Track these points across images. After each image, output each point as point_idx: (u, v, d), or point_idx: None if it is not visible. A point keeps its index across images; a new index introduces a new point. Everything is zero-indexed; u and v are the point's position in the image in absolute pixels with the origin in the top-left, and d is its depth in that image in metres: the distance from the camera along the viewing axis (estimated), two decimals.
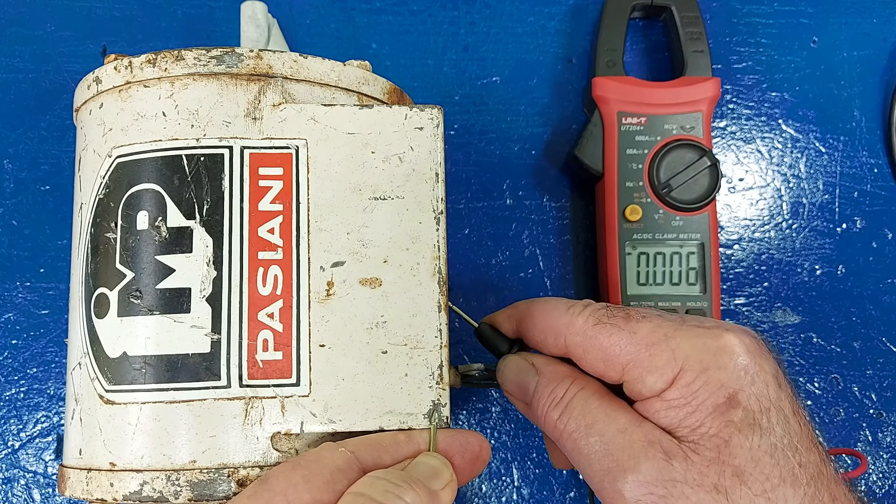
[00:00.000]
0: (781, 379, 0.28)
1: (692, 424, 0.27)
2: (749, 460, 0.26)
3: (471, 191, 0.46)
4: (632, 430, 0.28)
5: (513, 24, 0.48)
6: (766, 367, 0.28)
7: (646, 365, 0.28)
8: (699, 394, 0.27)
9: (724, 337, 0.28)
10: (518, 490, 0.43)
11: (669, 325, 0.29)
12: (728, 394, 0.27)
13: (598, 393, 0.30)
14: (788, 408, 0.27)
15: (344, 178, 0.31)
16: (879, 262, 0.46)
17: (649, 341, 0.29)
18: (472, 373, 0.36)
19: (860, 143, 0.47)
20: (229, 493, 0.28)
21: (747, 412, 0.27)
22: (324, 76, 0.32)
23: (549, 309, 0.32)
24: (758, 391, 0.27)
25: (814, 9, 0.49)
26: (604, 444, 0.28)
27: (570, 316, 0.31)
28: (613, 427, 0.29)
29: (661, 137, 0.43)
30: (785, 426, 0.27)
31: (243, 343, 0.29)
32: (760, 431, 0.27)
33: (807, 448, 0.27)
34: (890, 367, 0.45)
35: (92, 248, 0.31)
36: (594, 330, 0.30)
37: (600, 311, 0.30)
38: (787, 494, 0.26)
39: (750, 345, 0.28)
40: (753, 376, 0.27)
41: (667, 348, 0.28)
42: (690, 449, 0.27)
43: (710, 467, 0.26)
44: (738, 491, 0.26)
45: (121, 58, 0.31)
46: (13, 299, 0.43)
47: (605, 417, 0.29)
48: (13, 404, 0.42)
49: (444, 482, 0.28)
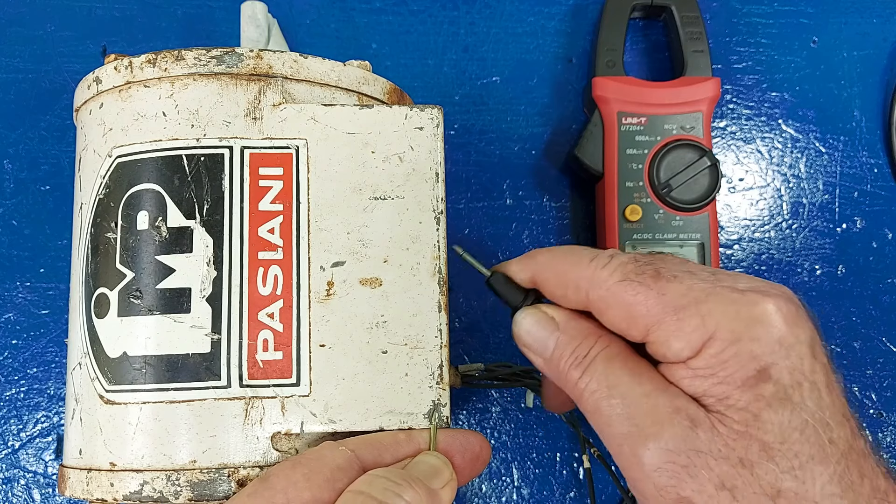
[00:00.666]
0: (818, 348, 0.27)
1: (718, 395, 0.26)
2: (778, 436, 0.25)
3: (471, 191, 0.46)
4: (657, 394, 0.27)
5: (513, 24, 0.48)
6: (803, 337, 0.26)
7: (673, 329, 0.27)
8: (728, 365, 0.26)
9: (760, 304, 0.26)
10: (518, 490, 0.43)
11: (702, 287, 0.27)
12: (760, 367, 0.26)
13: (622, 353, 0.28)
14: (822, 380, 0.26)
15: (344, 177, 0.31)
16: (879, 262, 0.46)
17: (678, 304, 0.27)
18: (472, 373, 0.36)
19: (860, 143, 0.47)
20: (229, 493, 0.28)
21: (779, 386, 0.25)
22: (324, 76, 0.32)
23: (571, 260, 0.30)
24: (791, 364, 0.26)
25: (814, 9, 0.49)
26: (626, 408, 0.27)
27: (594, 268, 0.29)
28: (638, 390, 0.27)
29: (661, 137, 0.43)
30: (818, 401, 0.26)
31: (243, 343, 0.29)
32: (791, 407, 0.25)
33: (838, 423, 0.26)
34: (890, 367, 0.45)
35: (92, 248, 0.31)
36: (619, 286, 0.28)
37: (628, 266, 0.28)
38: (816, 471, 0.25)
39: (788, 312, 0.26)
40: (788, 349, 0.26)
41: (696, 313, 0.26)
42: (717, 419, 0.26)
43: (738, 440, 0.25)
44: (764, 467, 0.25)
45: (121, 58, 0.31)
46: (13, 299, 0.43)
47: (630, 380, 0.27)
48: (13, 404, 0.42)
49: (443, 481, 0.28)
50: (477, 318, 0.44)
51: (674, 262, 0.28)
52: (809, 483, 0.25)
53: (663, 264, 0.28)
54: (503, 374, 0.39)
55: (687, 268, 0.28)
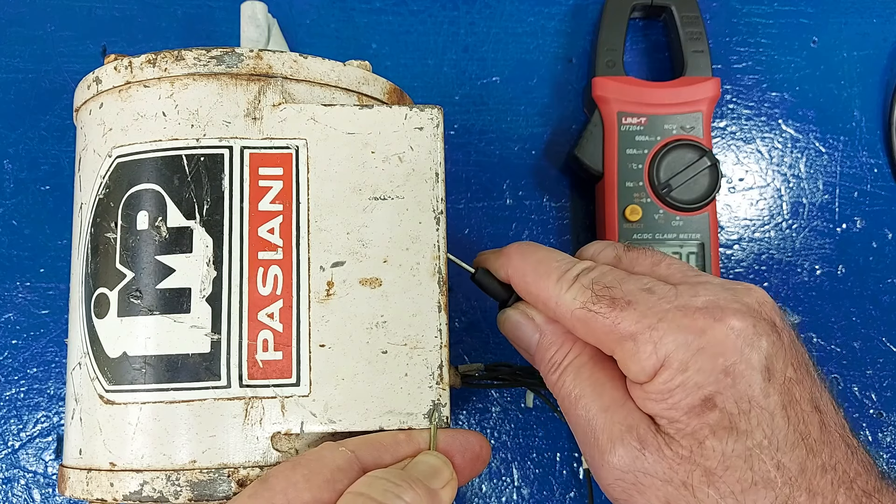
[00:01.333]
0: (775, 368, 0.27)
1: (670, 418, 0.27)
2: (720, 463, 0.26)
3: (471, 191, 0.46)
4: (614, 410, 0.28)
5: (513, 24, 0.48)
6: (755, 361, 0.26)
7: (630, 354, 0.28)
8: (676, 393, 0.27)
9: (709, 332, 0.27)
10: (518, 490, 0.43)
11: (654, 313, 0.27)
12: (704, 396, 0.26)
13: (591, 361, 0.30)
14: (776, 403, 0.26)
15: (344, 177, 0.31)
16: (879, 262, 0.46)
17: (633, 331, 0.27)
18: (472, 373, 0.36)
19: (860, 143, 0.47)
20: (229, 493, 0.28)
21: (723, 414, 0.26)
22: (324, 76, 0.32)
23: (539, 273, 0.31)
24: (739, 392, 0.26)
25: (814, 9, 0.49)
26: (587, 420, 0.29)
27: (559, 291, 0.30)
28: (598, 404, 0.29)
29: (661, 137, 0.43)
30: (768, 425, 0.26)
31: (243, 343, 0.29)
32: (737, 435, 0.26)
33: (792, 445, 0.26)
34: (890, 367, 0.45)
35: (92, 248, 0.31)
36: (579, 314, 0.29)
37: (586, 293, 0.29)
38: (759, 496, 0.26)
39: (742, 332, 0.27)
40: (736, 377, 0.26)
41: (649, 340, 0.27)
42: (665, 442, 0.27)
43: (682, 465, 0.26)
44: (704, 491, 0.26)
45: (121, 58, 0.31)
46: (13, 299, 0.43)
47: (592, 392, 0.29)
48: (13, 404, 0.42)
49: (443, 481, 0.28)
50: (477, 318, 0.44)
51: (633, 282, 0.29)
52: None
53: (620, 287, 0.29)
54: (503, 374, 0.39)
55: (646, 285, 0.29)
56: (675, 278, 0.30)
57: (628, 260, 0.31)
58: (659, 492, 0.27)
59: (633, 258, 0.31)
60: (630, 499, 0.28)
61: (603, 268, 0.30)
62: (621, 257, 0.31)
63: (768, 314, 0.28)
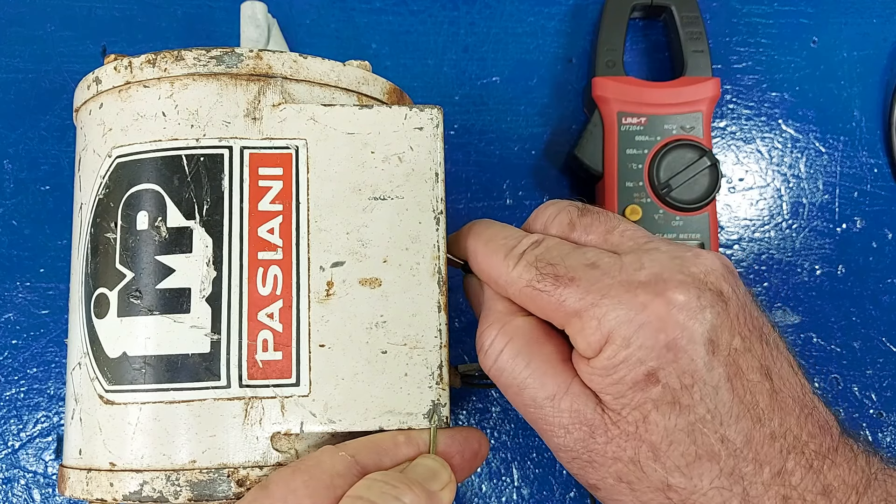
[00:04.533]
0: (720, 340, 0.27)
1: (614, 393, 0.27)
2: (664, 438, 0.26)
3: (471, 191, 0.46)
4: (559, 398, 0.28)
5: (513, 24, 0.48)
6: (698, 334, 0.26)
7: (577, 330, 0.28)
8: (619, 369, 0.27)
9: (650, 306, 0.27)
10: (518, 490, 0.43)
11: (598, 289, 0.28)
12: (647, 371, 0.26)
13: (527, 346, 0.30)
14: (721, 375, 0.26)
15: (344, 178, 0.31)
16: (879, 262, 0.46)
17: (577, 308, 0.28)
18: (472, 373, 0.36)
19: (860, 143, 0.47)
20: (229, 493, 0.28)
21: (666, 390, 0.26)
22: (324, 76, 0.32)
23: (490, 252, 0.31)
24: (680, 367, 0.26)
25: (814, 9, 0.49)
26: (535, 409, 0.29)
27: (506, 269, 0.30)
28: (543, 393, 0.29)
29: (661, 137, 0.43)
30: (711, 399, 0.26)
31: (243, 343, 0.29)
32: (679, 409, 0.26)
33: (737, 417, 0.26)
34: (890, 367, 0.45)
35: (92, 248, 0.31)
36: (525, 292, 0.29)
37: (531, 271, 0.29)
38: (704, 468, 0.26)
39: (684, 306, 0.26)
40: (677, 351, 0.26)
41: (594, 316, 0.27)
42: (611, 420, 0.27)
43: (629, 442, 0.27)
44: (651, 466, 0.27)
45: (121, 58, 0.31)
46: (13, 299, 0.43)
47: (535, 382, 0.29)
48: (13, 404, 0.42)
49: (442, 483, 0.28)
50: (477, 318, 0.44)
51: (577, 257, 0.29)
52: (697, 479, 0.26)
53: (564, 263, 0.29)
54: None
55: (591, 259, 0.29)
56: (624, 247, 0.30)
57: (582, 226, 0.31)
58: (611, 468, 0.28)
59: (586, 224, 0.31)
60: (586, 474, 0.29)
61: (549, 241, 0.30)
62: (575, 223, 0.31)
63: (714, 284, 0.27)
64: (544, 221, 0.32)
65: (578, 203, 0.32)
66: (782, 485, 0.26)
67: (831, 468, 0.27)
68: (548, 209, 0.32)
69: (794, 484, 0.26)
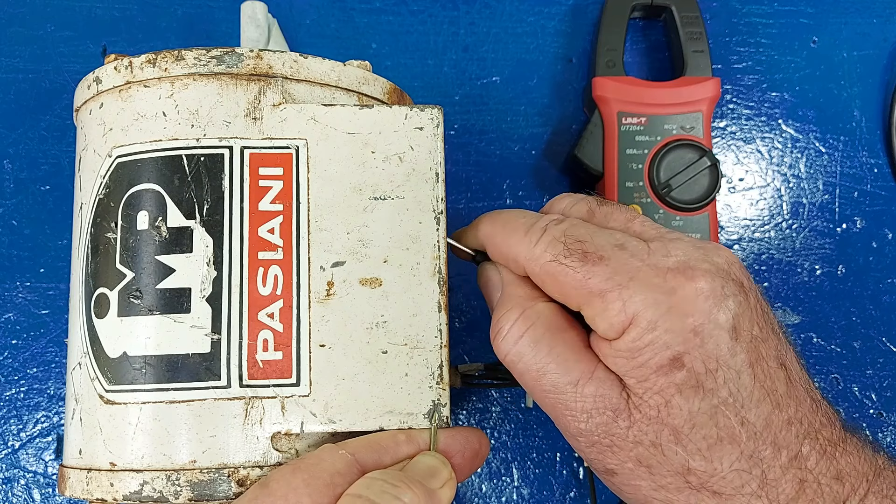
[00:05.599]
0: (742, 327, 0.27)
1: (638, 376, 0.27)
2: (686, 422, 0.27)
3: (471, 191, 0.46)
4: (583, 383, 0.28)
5: (513, 24, 0.48)
6: (722, 320, 0.27)
7: (598, 311, 0.28)
8: (645, 352, 0.27)
9: (679, 292, 0.27)
10: (518, 490, 0.43)
11: (626, 271, 0.28)
12: (672, 355, 0.27)
13: (548, 332, 0.29)
14: (743, 361, 0.27)
15: (344, 177, 0.31)
16: (879, 262, 0.46)
17: (602, 288, 0.28)
18: (472, 373, 0.36)
19: (860, 143, 0.47)
20: (229, 493, 0.28)
21: (691, 374, 0.27)
22: (324, 76, 0.32)
23: (508, 231, 0.31)
24: (706, 352, 0.27)
25: (814, 9, 0.49)
26: (556, 395, 0.29)
27: (528, 245, 0.30)
28: (565, 379, 0.28)
29: (661, 137, 0.43)
30: (734, 384, 0.27)
31: (243, 343, 0.29)
32: (703, 393, 0.27)
33: (757, 401, 0.27)
34: (890, 367, 0.45)
35: (92, 248, 0.31)
36: (549, 266, 0.29)
37: (557, 246, 0.29)
38: (725, 451, 0.26)
39: (711, 293, 0.27)
40: (704, 337, 0.27)
41: (619, 298, 0.27)
42: (634, 405, 0.27)
43: (651, 425, 0.27)
44: (673, 449, 0.27)
45: (121, 58, 0.31)
46: (13, 299, 0.43)
47: (557, 367, 0.29)
48: (13, 404, 0.42)
49: (442, 481, 0.28)
50: (477, 318, 0.44)
51: (606, 237, 0.29)
52: (717, 462, 0.27)
53: (593, 241, 0.29)
54: (503, 374, 0.39)
55: (619, 240, 0.29)
56: (648, 234, 0.30)
57: (601, 214, 0.31)
58: (631, 452, 0.28)
59: (606, 213, 0.31)
60: (605, 459, 0.29)
61: (573, 220, 0.30)
62: (594, 211, 0.31)
63: (736, 274, 0.28)
64: (562, 209, 0.32)
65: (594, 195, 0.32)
66: (799, 468, 0.26)
67: (843, 455, 0.27)
68: (564, 199, 0.32)
69: (810, 468, 0.26)
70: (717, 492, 0.27)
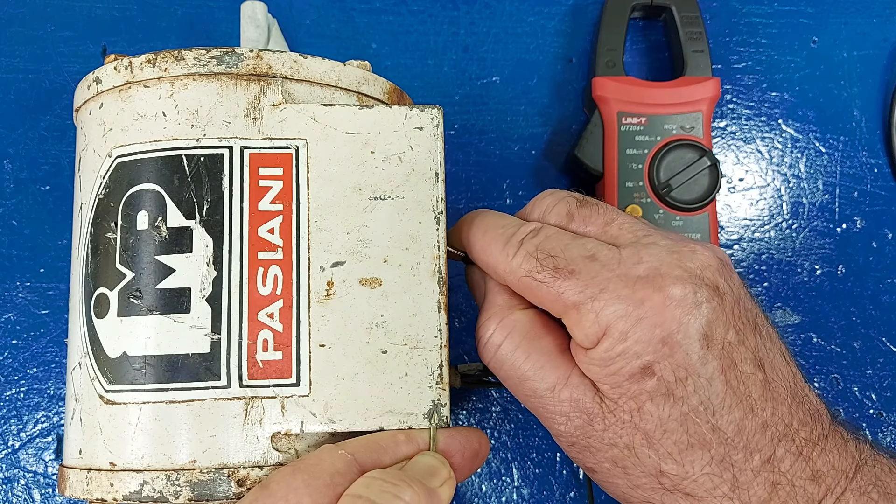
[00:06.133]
0: (714, 334, 0.27)
1: (612, 383, 0.28)
2: (657, 427, 0.27)
3: (471, 191, 0.46)
4: (559, 389, 0.29)
5: (513, 24, 0.48)
6: (693, 329, 0.27)
7: (574, 322, 0.29)
8: (617, 361, 0.28)
9: (647, 302, 0.27)
10: (518, 490, 0.43)
11: (597, 283, 0.28)
12: (643, 364, 0.27)
13: (526, 339, 0.30)
14: (714, 368, 0.27)
15: (344, 177, 0.31)
16: (879, 262, 0.46)
17: (576, 301, 0.28)
18: (472, 373, 0.36)
19: (860, 143, 0.47)
20: (229, 493, 0.28)
21: (661, 382, 0.27)
22: (324, 76, 0.32)
23: (488, 242, 0.31)
24: (675, 361, 0.27)
25: (814, 9, 0.49)
26: (536, 399, 0.30)
27: (506, 259, 0.30)
28: (543, 385, 0.30)
29: (661, 137, 0.43)
30: (705, 392, 0.27)
31: (243, 343, 0.29)
32: (673, 401, 0.27)
33: (729, 407, 0.27)
34: (890, 367, 0.45)
35: (92, 248, 0.31)
36: (525, 282, 0.30)
37: (531, 261, 0.30)
38: (696, 456, 0.27)
39: (681, 301, 0.27)
40: (673, 346, 0.27)
41: (591, 310, 0.28)
42: (609, 409, 0.28)
43: (624, 429, 0.28)
44: (645, 452, 0.28)
45: (121, 58, 0.31)
46: (13, 299, 0.43)
47: (535, 374, 0.30)
48: (13, 404, 0.42)
49: (441, 480, 0.28)
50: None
51: (577, 248, 0.29)
52: (689, 466, 0.27)
53: (563, 255, 0.29)
54: None
55: (590, 251, 0.29)
56: (623, 239, 0.30)
57: (581, 217, 0.31)
58: (607, 453, 0.29)
59: (585, 215, 0.31)
60: (584, 458, 0.30)
61: (548, 231, 0.30)
62: (574, 214, 0.31)
63: (710, 279, 0.28)
64: (542, 211, 0.32)
65: (577, 194, 0.32)
66: (771, 471, 0.27)
67: (821, 455, 0.28)
68: (546, 199, 0.33)
69: (784, 470, 0.27)
70: (690, 494, 0.28)
